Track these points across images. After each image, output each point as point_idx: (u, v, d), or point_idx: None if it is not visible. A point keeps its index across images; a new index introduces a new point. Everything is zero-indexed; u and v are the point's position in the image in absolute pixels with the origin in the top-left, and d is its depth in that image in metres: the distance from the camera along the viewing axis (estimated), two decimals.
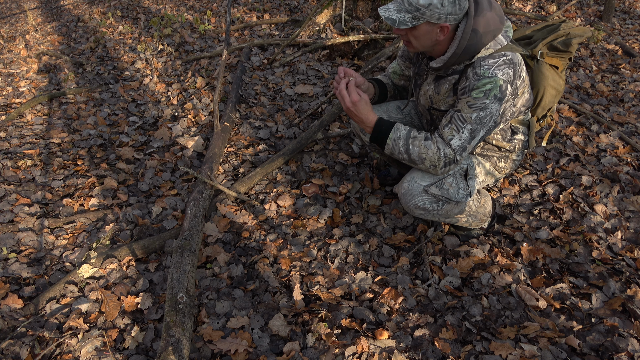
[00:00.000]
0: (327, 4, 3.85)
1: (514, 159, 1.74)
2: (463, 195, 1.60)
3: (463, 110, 1.45)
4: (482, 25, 1.38)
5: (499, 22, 1.42)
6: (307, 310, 1.56)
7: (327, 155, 2.40)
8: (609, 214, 1.93)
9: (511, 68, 1.42)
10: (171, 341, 1.27)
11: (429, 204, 1.59)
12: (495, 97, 1.42)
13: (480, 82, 1.41)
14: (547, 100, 1.65)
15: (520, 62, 1.47)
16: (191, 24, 4.71)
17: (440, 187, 1.58)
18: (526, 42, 1.70)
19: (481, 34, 1.39)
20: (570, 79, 3.21)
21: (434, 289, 1.63)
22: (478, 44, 1.40)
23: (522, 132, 1.67)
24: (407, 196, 1.60)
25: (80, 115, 2.99)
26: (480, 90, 1.41)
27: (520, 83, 1.48)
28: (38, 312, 1.58)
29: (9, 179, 2.28)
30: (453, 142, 1.47)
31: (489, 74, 1.40)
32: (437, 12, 1.36)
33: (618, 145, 2.38)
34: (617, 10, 4.93)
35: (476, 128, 1.46)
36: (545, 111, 1.70)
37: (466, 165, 1.65)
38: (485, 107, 1.43)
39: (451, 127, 1.48)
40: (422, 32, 1.43)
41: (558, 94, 1.66)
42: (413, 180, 1.59)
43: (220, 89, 2.82)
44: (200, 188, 1.99)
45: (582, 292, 1.60)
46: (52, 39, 4.87)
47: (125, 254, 1.78)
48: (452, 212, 1.64)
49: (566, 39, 1.60)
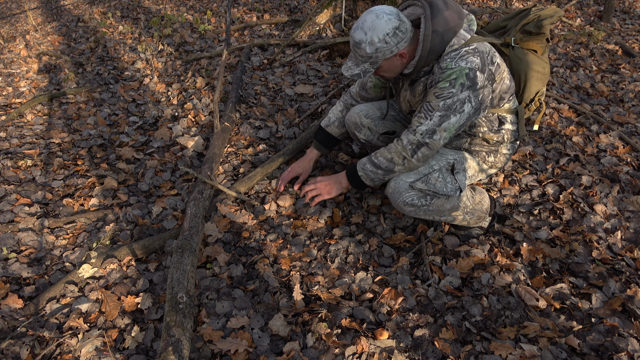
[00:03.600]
0: (327, 4, 3.85)
1: (504, 153, 1.76)
2: (452, 189, 1.63)
3: (431, 100, 1.51)
4: (441, 24, 1.45)
5: (458, 18, 1.48)
6: (307, 310, 1.56)
7: (327, 155, 2.40)
8: (609, 214, 1.93)
9: (477, 56, 1.47)
10: (171, 341, 1.27)
11: (417, 200, 1.61)
12: (462, 85, 1.46)
13: (444, 74, 1.48)
14: (532, 84, 1.68)
15: (488, 49, 1.52)
16: (191, 24, 4.71)
17: (426, 182, 1.61)
18: (501, 32, 1.75)
19: (441, 33, 1.46)
20: (570, 79, 3.21)
21: (434, 289, 1.63)
22: (441, 43, 1.47)
23: (510, 121, 1.68)
24: (394, 194, 1.64)
25: (80, 115, 2.99)
26: (446, 81, 1.47)
27: (496, 69, 1.52)
28: (38, 312, 1.58)
29: (9, 179, 2.28)
30: (419, 128, 1.54)
31: (452, 65, 1.46)
32: (385, 49, 1.49)
33: (618, 145, 2.38)
34: (617, 10, 4.93)
35: (445, 114, 1.50)
36: (533, 95, 1.72)
37: (453, 160, 1.68)
38: (452, 95, 1.48)
39: (419, 116, 1.55)
40: (386, 67, 1.57)
41: (543, 76, 1.69)
42: (399, 178, 1.64)
43: (220, 89, 2.82)
44: (200, 188, 1.99)
45: (582, 292, 1.60)
46: (52, 39, 4.87)
47: (125, 254, 1.78)
48: (444, 208, 1.64)
49: (537, 22, 1.65)
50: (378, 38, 1.45)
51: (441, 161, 1.67)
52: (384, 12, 1.46)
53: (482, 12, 4.22)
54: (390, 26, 1.45)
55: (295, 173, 2.08)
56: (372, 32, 1.45)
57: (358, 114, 1.96)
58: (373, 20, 1.45)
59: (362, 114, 1.95)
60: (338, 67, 3.39)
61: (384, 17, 1.45)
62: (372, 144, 2.01)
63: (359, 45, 1.49)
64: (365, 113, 1.95)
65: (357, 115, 1.96)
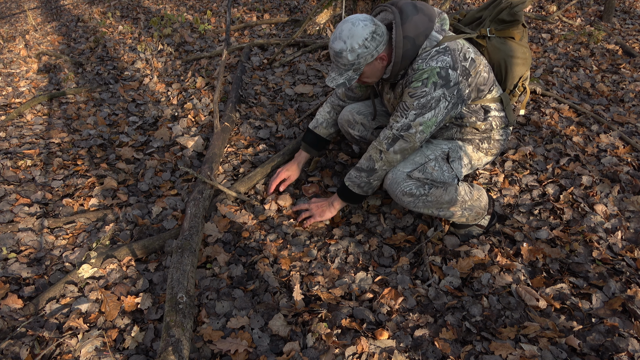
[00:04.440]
0: (327, 4, 3.85)
1: (497, 139, 1.80)
2: (449, 177, 1.67)
3: (406, 100, 1.57)
4: (412, 29, 1.51)
5: (428, 21, 1.53)
6: (307, 310, 1.56)
7: (327, 155, 2.40)
8: (609, 214, 1.93)
9: (447, 54, 1.52)
10: (171, 341, 1.27)
11: (415, 189, 1.63)
12: (435, 83, 1.52)
13: (416, 75, 1.53)
14: (514, 71, 1.72)
15: (460, 46, 1.57)
16: (191, 24, 4.71)
17: (423, 171, 1.65)
18: (477, 22, 1.78)
19: (413, 38, 1.51)
20: (570, 79, 3.21)
21: (434, 289, 1.63)
22: (414, 47, 1.53)
23: (495, 109, 1.72)
24: (393, 185, 1.66)
25: (80, 115, 2.99)
26: (418, 81, 1.53)
27: (470, 64, 1.57)
28: (38, 312, 1.58)
29: (9, 179, 2.28)
30: (394, 125, 1.60)
31: (423, 66, 1.52)
32: (367, 53, 1.53)
33: (618, 145, 2.38)
34: (617, 10, 4.93)
35: (420, 112, 1.55)
36: (517, 80, 1.75)
37: (447, 149, 1.73)
38: (425, 94, 1.53)
39: (395, 115, 1.61)
40: (368, 73, 1.63)
41: (524, 61, 1.72)
42: (396, 169, 1.67)
43: (220, 89, 2.82)
44: (200, 188, 1.99)
45: (582, 292, 1.60)
46: (52, 39, 4.87)
47: (125, 254, 1.78)
48: (443, 199, 1.65)
49: (510, 9, 1.67)
50: (358, 44, 1.50)
51: (436, 151, 1.71)
52: (359, 19, 1.51)
53: None
54: (368, 31, 1.50)
55: (284, 176, 2.09)
56: (351, 40, 1.50)
57: (350, 111, 2.01)
58: (350, 29, 1.50)
59: (355, 111, 2.00)
60: None
61: (359, 23, 1.50)
62: (367, 139, 2.03)
63: (340, 55, 1.54)
64: (357, 110, 2.00)
65: (349, 113, 2.01)
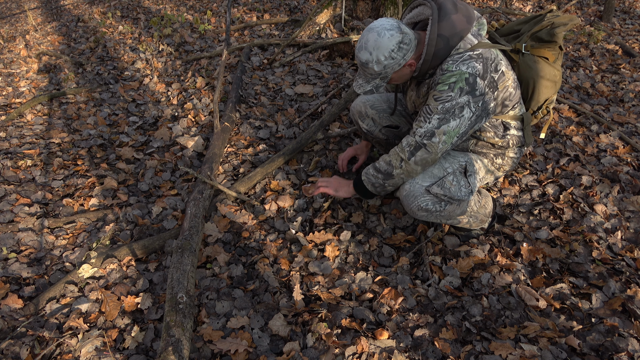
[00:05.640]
0: (327, 4, 3.85)
1: (511, 156, 1.73)
2: (465, 193, 1.60)
3: (430, 103, 1.50)
4: (448, 29, 1.43)
5: (466, 22, 1.46)
6: (307, 310, 1.56)
7: (327, 155, 2.40)
8: (609, 214, 1.93)
9: (479, 62, 1.44)
10: (171, 341, 1.27)
11: (431, 205, 1.58)
12: (461, 89, 1.44)
13: (444, 76, 1.46)
14: (541, 92, 1.64)
15: (493, 56, 1.49)
16: (191, 24, 4.71)
17: (442, 185, 1.57)
18: (514, 36, 1.70)
19: (447, 37, 1.44)
20: (570, 79, 3.21)
21: (434, 289, 1.63)
22: (446, 47, 1.45)
23: (514, 127, 1.65)
24: (409, 198, 1.59)
25: (80, 115, 2.99)
26: (445, 84, 1.46)
27: (499, 76, 1.49)
28: (38, 312, 1.58)
29: (9, 179, 2.28)
30: (418, 130, 1.53)
31: (452, 68, 1.44)
32: (394, 63, 1.49)
33: (618, 145, 2.38)
34: (617, 10, 4.93)
35: (444, 117, 1.48)
36: (541, 103, 1.68)
37: (465, 163, 1.65)
38: (450, 99, 1.46)
39: (419, 120, 1.54)
40: (396, 77, 1.58)
41: (553, 84, 1.64)
42: (414, 181, 1.59)
43: (220, 89, 2.82)
44: (200, 188, 1.99)
45: (582, 292, 1.60)
46: (52, 39, 4.87)
47: (125, 254, 1.78)
48: (455, 214, 1.62)
49: (550, 29, 1.59)
50: (384, 56, 1.45)
51: (454, 164, 1.64)
52: (385, 29, 1.44)
53: (482, 12, 4.21)
54: (394, 42, 1.44)
55: (352, 153, 2.10)
56: (377, 51, 1.45)
57: (364, 103, 1.96)
58: (375, 39, 1.44)
59: (368, 105, 1.95)
60: (338, 67, 3.39)
61: (385, 34, 1.44)
62: (374, 135, 2.00)
63: (366, 65, 1.50)
64: (371, 104, 1.95)
65: (362, 104, 1.96)
